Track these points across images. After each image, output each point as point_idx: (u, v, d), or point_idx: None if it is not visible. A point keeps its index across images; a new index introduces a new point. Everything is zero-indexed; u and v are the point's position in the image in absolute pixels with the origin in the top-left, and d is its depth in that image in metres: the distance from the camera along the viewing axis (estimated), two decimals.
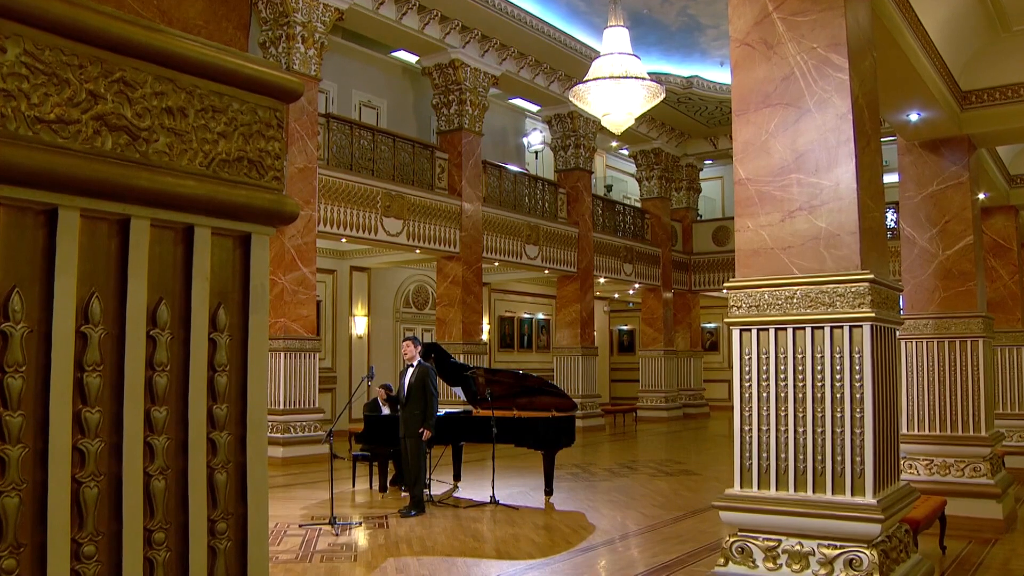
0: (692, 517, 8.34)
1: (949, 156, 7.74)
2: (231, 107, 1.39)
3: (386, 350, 18.36)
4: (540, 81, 17.72)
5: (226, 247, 1.40)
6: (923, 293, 7.67)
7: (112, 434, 1.21)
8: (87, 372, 1.18)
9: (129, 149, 1.22)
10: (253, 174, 1.41)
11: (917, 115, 7.36)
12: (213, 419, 1.36)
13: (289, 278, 12.35)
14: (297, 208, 1.48)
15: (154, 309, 1.27)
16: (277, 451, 11.85)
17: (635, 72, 10.84)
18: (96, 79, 1.18)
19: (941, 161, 7.75)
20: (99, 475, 1.18)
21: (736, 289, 4.53)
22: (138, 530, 1.23)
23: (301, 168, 12.40)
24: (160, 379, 1.28)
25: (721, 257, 23.34)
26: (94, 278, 1.20)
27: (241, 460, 1.40)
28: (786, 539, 4.23)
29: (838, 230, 4.31)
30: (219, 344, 1.37)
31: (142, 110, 1.24)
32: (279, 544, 7.05)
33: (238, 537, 1.39)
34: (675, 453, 14.97)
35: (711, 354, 26.27)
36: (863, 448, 4.13)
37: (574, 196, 19.47)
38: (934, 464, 7.50)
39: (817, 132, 4.42)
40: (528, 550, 6.94)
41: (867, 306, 4.17)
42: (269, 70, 1.43)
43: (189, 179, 1.30)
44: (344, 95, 16.95)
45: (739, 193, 4.64)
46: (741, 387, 4.48)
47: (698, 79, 19.23)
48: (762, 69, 4.60)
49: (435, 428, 8.67)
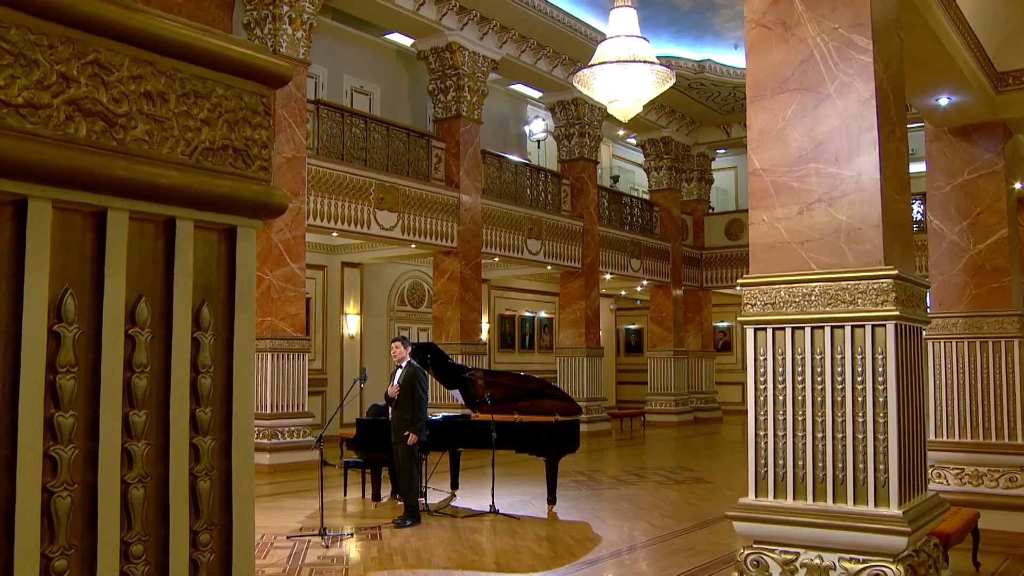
0: (704, 528, 8.33)
1: (982, 143, 7.70)
2: (215, 92, 1.38)
3: (379, 350, 18.34)
4: (543, 66, 17.71)
5: (210, 241, 1.39)
6: (952, 290, 7.64)
7: (87, 440, 1.20)
8: (60, 374, 1.17)
9: (105, 136, 1.21)
10: (239, 163, 1.40)
11: (947, 99, 7.33)
12: (196, 423, 1.35)
13: (277, 274, 12.35)
14: (286, 200, 1.47)
15: (133, 307, 1.26)
16: (264, 458, 11.85)
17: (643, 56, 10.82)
18: (68, 61, 1.17)
19: (973, 148, 7.71)
20: (72, 484, 1.18)
21: (750, 286, 4.52)
22: (114, 543, 1.22)
23: (289, 158, 12.40)
24: (139, 381, 1.27)
25: (734, 252, 23.33)
26: (68, 274, 1.19)
27: (226, 467, 1.39)
28: (805, 552, 4.22)
29: (860, 223, 4.30)
30: (203, 344, 1.36)
31: (119, 95, 1.23)
32: (265, 557, 7.05)
33: (222, 549, 1.39)
34: (686, 460, 14.97)
35: (724, 355, 26.27)
36: (887, 455, 4.12)
37: (578, 188, 19.46)
38: (965, 473, 7.46)
39: (838, 119, 4.40)
40: (530, 563, 6.94)
41: (891, 304, 4.16)
42: (255, 53, 1.42)
43: (170, 169, 1.29)
44: (335, 80, 16.94)
45: (754, 184, 4.63)
46: (756, 390, 4.47)
47: (710, 63, 19.21)
48: (779, 52, 4.58)
49: (431, 433, 8.68)
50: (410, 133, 15.46)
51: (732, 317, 26.10)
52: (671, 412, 22.21)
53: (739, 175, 26.50)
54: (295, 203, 12.41)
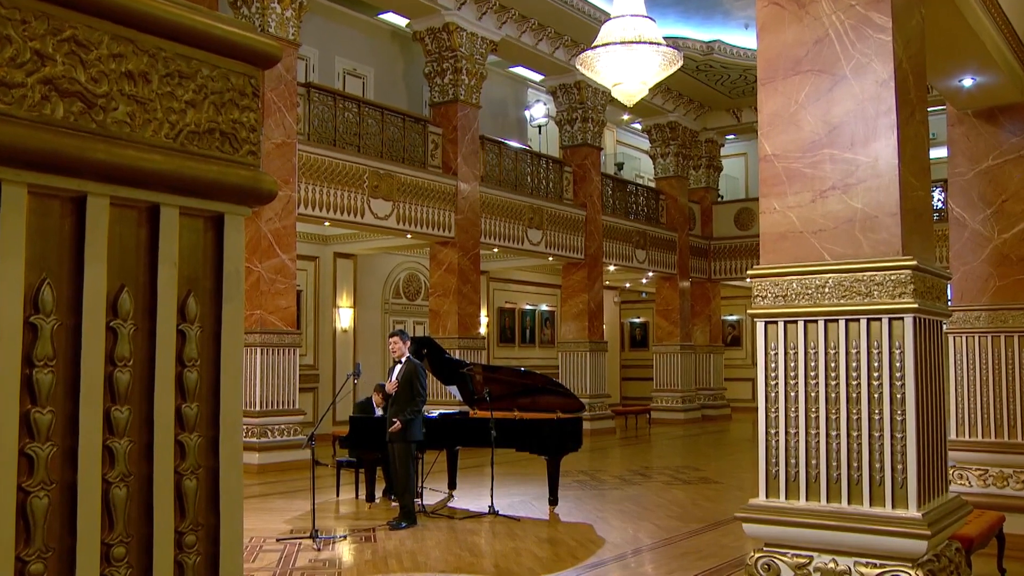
0: (712, 530, 8.35)
1: (1009, 126, 7.65)
2: (200, 73, 1.37)
3: (374, 345, 18.37)
4: (544, 47, 17.67)
5: (196, 229, 1.38)
6: (975, 282, 7.62)
7: (66, 437, 1.19)
8: (37, 368, 1.16)
9: (84, 118, 1.20)
10: (226, 147, 1.40)
11: (972, 80, 7.28)
12: (182, 419, 1.34)
13: (266, 265, 12.35)
14: (275, 186, 1.47)
15: (115, 297, 1.26)
16: (253, 457, 11.87)
17: (649, 37, 10.80)
18: (43, 37, 1.16)
19: (999, 132, 7.67)
20: (50, 483, 1.17)
21: (761, 277, 4.51)
22: (95, 545, 1.21)
23: (279, 144, 12.39)
24: (122, 375, 1.26)
25: (744, 242, 23.34)
26: (45, 262, 1.18)
27: (213, 465, 1.39)
28: (818, 556, 4.22)
29: (876, 211, 4.29)
30: (188, 336, 1.36)
31: (98, 74, 1.22)
32: (254, 560, 7.06)
33: (209, 551, 1.38)
34: (693, 459, 15.00)
35: (733, 349, 26.30)
36: (905, 455, 4.11)
37: (581, 175, 19.45)
38: (989, 475, 7.44)
39: (854, 101, 4.39)
40: (530, 566, 6.96)
41: (909, 296, 4.15)
42: (242, 31, 1.41)
43: (153, 152, 1.28)
44: (326, 63, 16.91)
45: (764, 171, 4.62)
46: (766, 386, 4.47)
47: (720, 44, 19.18)
48: (792, 31, 4.57)
49: (428, 431, 8.68)
50: (405, 118, 15.44)
51: (741, 310, 26.11)
52: (678, 409, 22.24)
53: (749, 162, 26.49)
54: (285, 191, 12.40)
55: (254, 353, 12.23)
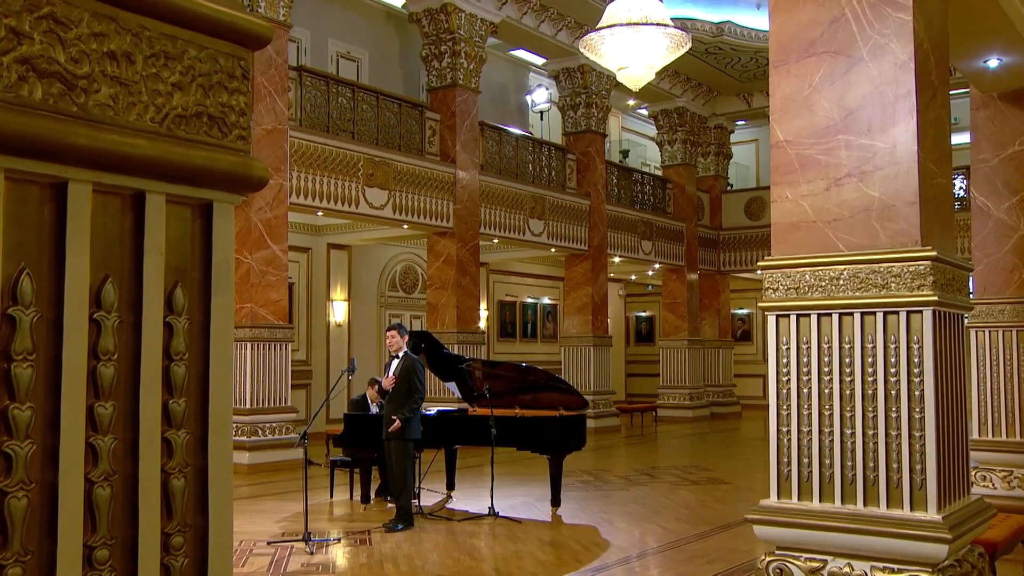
0: (721, 532, 8.36)
1: None
2: (187, 53, 1.36)
3: (369, 340, 18.38)
4: (546, 29, 17.64)
5: (183, 217, 1.38)
6: (999, 273, 7.59)
7: (47, 435, 1.18)
8: (16, 362, 1.15)
9: (64, 100, 1.19)
10: (214, 132, 1.39)
11: (997, 60, 7.24)
12: (169, 416, 1.34)
13: (257, 257, 12.35)
14: (266, 172, 1.46)
15: (98, 289, 1.25)
16: (243, 456, 11.89)
17: (656, 18, 10.78)
18: (18, 14, 1.15)
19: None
20: (29, 483, 1.16)
21: (772, 269, 4.50)
22: (77, 547, 1.21)
23: (269, 130, 12.37)
24: (106, 370, 1.26)
25: (755, 233, 23.33)
26: (24, 252, 1.17)
27: (201, 463, 1.39)
28: (832, 560, 4.22)
29: (894, 200, 4.28)
30: (176, 329, 1.35)
31: (78, 54, 1.21)
32: (244, 564, 7.07)
33: (197, 553, 1.38)
34: (701, 458, 15.02)
35: (743, 344, 26.31)
36: (924, 454, 4.11)
37: (585, 163, 19.44)
38: (1014, 476, 7.43)
39: (871, 85, 4.37)
40: (532, 569, 6.97)
41: (928, 288, 4.14)
42: (230, 10, 1.41)
43: (138, 137, 1.27)
44: (318, 45, 16.88)
45: (776, 158, 4.61)
46: (778, 382, 4.46)
47: (730, 25, 19.13)
48: (806, 11, 4.55)
49: (425, 429, 8.68)
50: (402, 103, 15.42)
51: (752, 303, 26.12)
52: (685, 407, 22.26)
53: (760, 149, 26.44)
54: (276, 179, 12.39)
55: (244, 348, 12.24)
